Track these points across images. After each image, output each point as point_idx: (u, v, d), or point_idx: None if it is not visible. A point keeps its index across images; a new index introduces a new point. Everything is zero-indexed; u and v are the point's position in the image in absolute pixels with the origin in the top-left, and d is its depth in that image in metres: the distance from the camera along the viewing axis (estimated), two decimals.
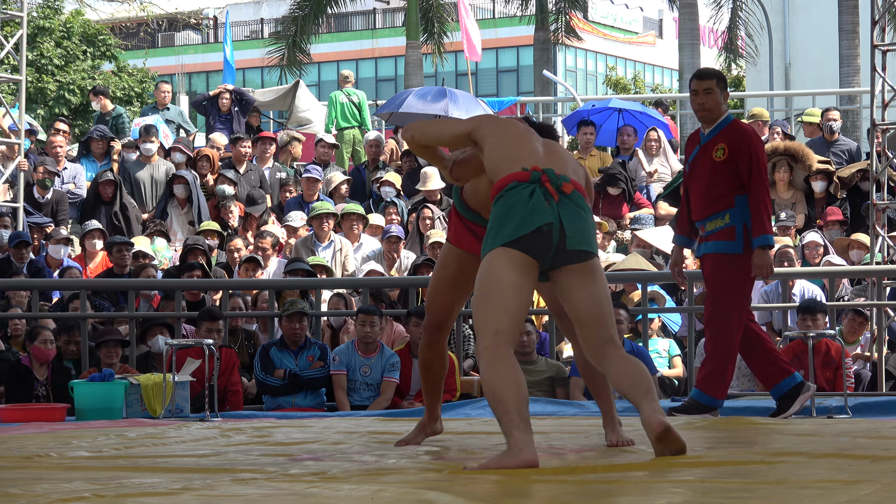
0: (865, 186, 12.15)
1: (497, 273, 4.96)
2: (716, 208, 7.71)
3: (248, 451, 5.86)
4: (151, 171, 13.99)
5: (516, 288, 4.95)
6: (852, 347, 10.28)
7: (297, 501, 4.09)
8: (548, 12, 26.13)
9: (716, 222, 7.72)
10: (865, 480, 4.37)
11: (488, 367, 4.88)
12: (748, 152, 7.68)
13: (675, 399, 9.13)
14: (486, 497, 4.17)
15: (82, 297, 10.23)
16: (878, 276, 10.53)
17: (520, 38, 41.32)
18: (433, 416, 5.96)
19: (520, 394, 4.85)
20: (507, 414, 4.81)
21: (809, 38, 32.78)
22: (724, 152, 7.70)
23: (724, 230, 7.70)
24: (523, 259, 4.97)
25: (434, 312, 5.85)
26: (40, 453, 5.79)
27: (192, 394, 8.88)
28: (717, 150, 7.72)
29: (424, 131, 5.53)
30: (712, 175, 7.73)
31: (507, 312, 4.94)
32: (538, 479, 4.65)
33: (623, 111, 15.69)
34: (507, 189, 5.06)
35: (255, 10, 54.39)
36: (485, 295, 4.98)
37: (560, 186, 5.05)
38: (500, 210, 5.04)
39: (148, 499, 4.13)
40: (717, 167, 7.71)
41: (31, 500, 4.11)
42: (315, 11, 25.69)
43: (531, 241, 4.97)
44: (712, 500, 4.01)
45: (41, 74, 30.74)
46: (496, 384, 4.84)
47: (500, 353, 4.90)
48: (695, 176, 7.87)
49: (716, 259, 7.73)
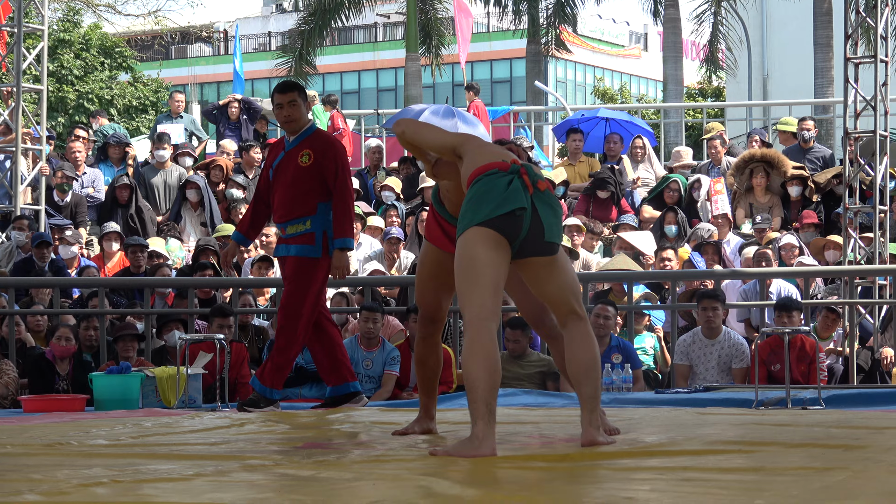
0: (839, 191, 12.17)
1: (473, 250, 5.02)
2: (298, 213, 7.74)
3: (256, 440, 5.87)
4: (165, 177, 14.02)
5: (492, 262, 5.01)
6: (826, 343, 10.29)
7: (303, 487, 4.10)
8: (539, 26, 26.16)
9: (297, 227, 7.74)
10: (838, 468, 4.38)
11: (468, 347, 4.95)
12: (333, 158, 7.75)
13: (660, 391, 9.15)
14: (479, 482, 4.18)
15: (101, 294, 10.27)
16: (850, 275, 10.56)
17: (513, 51, 41.27)
18: (429, 414, 5.97)
19: (491, 382, 4.89)
20: (476, 403, 4.87)
21: (786, 51, 32.75)
22: (310, 158, 7.73)
23: (304, 235, 7.74)
24: (496, 237, 5.04)
25: (424, 306, 5.90)
26: (61, 441, 5.80)
27: (204, 385, 8.88)
28: (302, 155, 7.74)
29: (417, 131, 5.60)
30: (297, 180, 7.74)
31: (486, 286, 5.00)
32: (529, 465, 4.66)
33: (610, 120, 15.70)
34: (486, 174, 5.12)
35: (264, 24, 54.36)
36: (465, 270, 5.04)
37: (535, 182, 5.13)
38: (476, 191, 5.10)
39: (163, 484, 4.14)
40: (303, 172, 7.73)
41: (53, 486, 4.12)
42: (320, 25, 25.74)
43: (504, 222, 5.03)
44: (693, 487, 4.02)
45: (61, 84, 30.71)
46: (471, 369, 4.91)
47: (481, 330, 4.95)
48: (279, 181, 7.84)
49: (297, 262, 7.74)
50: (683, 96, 27.28)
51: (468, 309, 5.00)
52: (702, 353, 9.84)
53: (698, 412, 7.30)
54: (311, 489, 4.04)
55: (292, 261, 7.80)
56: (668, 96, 25.16)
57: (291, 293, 7.80)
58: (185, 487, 4.06)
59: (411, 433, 5.87)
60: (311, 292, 7.79)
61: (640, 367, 9.86)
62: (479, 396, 4.86)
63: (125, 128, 28.70)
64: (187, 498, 3.80)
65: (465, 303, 5.02)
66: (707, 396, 8.54)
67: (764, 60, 34.27)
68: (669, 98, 24.89)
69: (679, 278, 10.89)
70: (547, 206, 5.13)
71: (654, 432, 5.75)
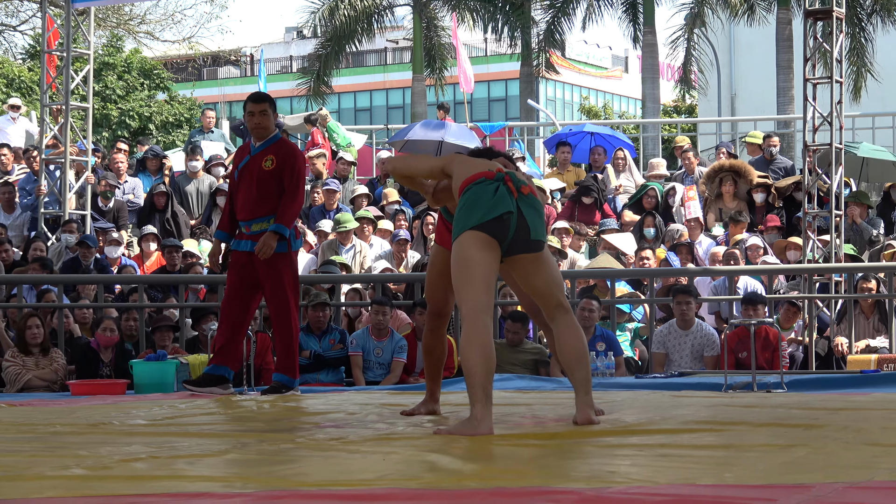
0: (799, 197, 12.15)
1: (467, 251, 5.04)
2: (262, 213, 7.60)
3: (279, 420, 5.86)
4: (197, 185, 14.02)
5: (484, 261, 5.03)
6: (787, 333, 10.27)
7: (321, 462, 4.09)
8: (531, 51, 26.14)
9: (262, 225, 7.59)
10: (798, 445, 4.37)
11: (465, 339, 4.95)
12: (292, 165, 7.66)
13: (639, 376, 9.13)
14: (478, 458, 4.18)
15: (140, 290, 10.28)
16: (809, 273, 10.55)
17: (508, 73, 41.24)
18: (434, 397, 5.96)
19: (487, 369, 4.92)
20: (474, 388, 4.89)
21: (751, 73, 32.74)
22: (273, 163, 7.64)
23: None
24: (487, 239, 5.05)
25: (433, 302, 5.88)
26: (105, 421, 5.79)
27: None
28: (266, 160, 7.66)
29: (406, 164, 5.66)
30: (261, 182, 7.64)
31: (480, 283, 5.01)
32: (523, 442, 4.66)
33: (595, 134, 15.68)
34: (475, 183, 5.14)
35: (286, 49, 54.34)
36: (460, 270, 5.05)
37: (519, 187, 5.14)
38: (467, 199, 5.12)
39: (195, 459, 4.14)
40: (266, 175, 7.64)
41: (97, 461, 4.11)
42: (336, 50, 25.79)
43: (494, 225, 5.04)
44: (669, 462, 4.01)
45: (105, 103, 30.70)
46: (469, 358, 4.93)
47: (477, 323, 4.96)
48: (244, 181, 7.73)
49: (269, 259, 7.53)
50: (660, 113, 27.26)
51: (465, 304, 5.02)
52: (677, 343, 9.83)
53: (674, 395, 7.29)
54: (328, 463, 4.03)
55: (266, 259, 7.56)
56: (646, 113, 25.14)
57: (275, 290, 7.63)
58: (216, 463, 4.05)
59: (418, 414, 5.86)
60: (290, 283, 7.66)
61: (621, 354, 9.85)
62: (477, 382, 4.88)
63: (162, 141, 28.81)
64: (218, 472, 3.79)
65: (462, 299, 5.04)
66: (681, 381, 8.53)
67: (732, 81, 34.26)
68: (648, 115, 24.88)
69: (656, 275, 10.88)
70: (531, 207, 5.14)
71: (634, 413, 5.74)
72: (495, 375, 5.13)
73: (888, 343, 10.01)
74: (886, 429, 5.01)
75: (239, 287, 7.70)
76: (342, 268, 11.39)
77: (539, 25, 26.13)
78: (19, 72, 29.54)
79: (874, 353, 9.77)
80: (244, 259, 7.66)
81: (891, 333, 10.01)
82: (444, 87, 27.03)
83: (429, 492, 3.35)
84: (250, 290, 7.71)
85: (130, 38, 31.89)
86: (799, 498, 3.10)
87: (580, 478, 3.73)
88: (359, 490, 3.38)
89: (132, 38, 31.90)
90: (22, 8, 29.78)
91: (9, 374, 9.33)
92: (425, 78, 26.39)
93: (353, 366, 9.84)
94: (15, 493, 3.33)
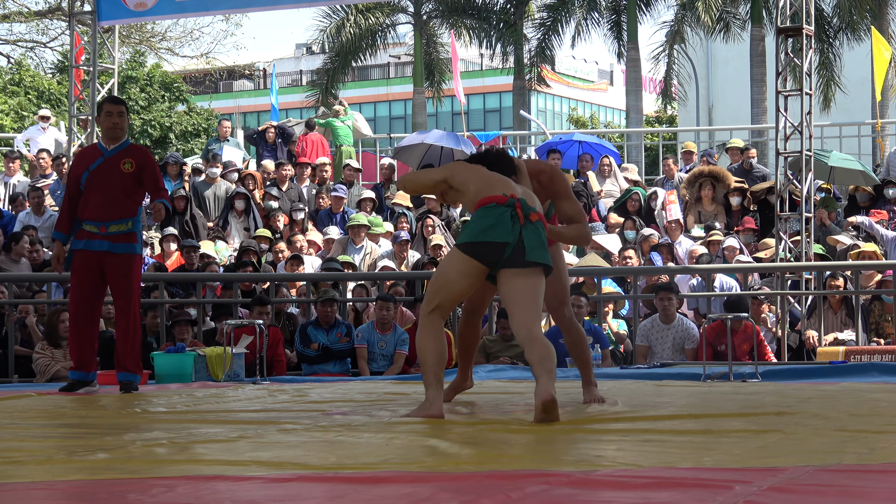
0: (772, 200, 12.15)
1: (448, 267, 5.15)
2: (120, 214, 7.36)
3: (289, 408, 5.85)
4: (215, 190, 14.00)
5: (459, 285, 5.11)
6: (761, 326, 10.26)
7: (328, 447, 4.08)
8: (523, 65, 26.14)
9: (120, 226, 7.33)
10: (772, 430, 4.37)
11: (420, 333, 5.15)
12: (151, 167, 7.48)
13: (624, 367, 9.12)
14: (475, 443, 4.17)
15: (161, 287, 10.26)
16: (781, 270, 10.54)
17: (502, 86, 41.19)
18: (465, 375, 6.02)
19: (439, 358, 5.08)
20: (426, 374, 5.08)
21: (728, 85, 32.79)
22: (132, 165, 7.39)
23: (126, 234, 7.34)
24: (472, 266, 5.05)
25: (469, 301, 5.79)
26: (128, 409, 5.78)
27: (246, 362, 8.88)
28: (125, 163, 7.40)
29: (413, 180, 5.60)
30: (119, 184, 7.38)
31: (447, 297, 5.14)
32: (515, 428, 4.65)
33: (582, 142, 15.67)
34: (486, 206, 5.11)
35: (296, 64, 54.37)
36: (438, 279, 5.19)
37: (528, 215, 5.08)
38: (475, 217, 5.13)
39: (211, 444, 4.13)
40: (125, 177, 7.38)
41: (121, 444, 4.11)
42: (342, 65, 25.82)
43: (485, 249, 5.01)
44: (651, 447, 4.00)
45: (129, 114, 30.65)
46: (423, 349, 5.10)
47: (431, 321, 5.13)
48: (97, 183, 7.40)
49: (126, 259, 7.34)
50: (643, 123, 27.27)
51: (427, 306, 5.16)
52: (659, 336, 9.82)
53: (656, 384, 7.29)
54: (335, 448, 4.02)
55: (121, 258, 7.34)
56: (630, 123, 25.15)
57: (124, 288, 7.35)
58: (231, 447, 4.04)
59: (446, 401, 5.82)
60: (137, 282, 7.45)
61: (608, 346, 9.84)
62: (429, 370, 5.07)
63: (182, 149, 28.79)
64: (232, 456, 3.79)
65: (428, 300, 5.17)
66: (663, 371, 8.54)
67: (709, 93, 34.30)
68: (631, 124, 24.88)
69: (640, 273, 10.87)
70: (534, 235, 5.06)
71: (619, 401, 5.73)
72: (490, 366, 5.15)
73: (855, 336, 10.00)
74: (854, 416, 5.01)
75: (89, 288, 7.38)
76: (346, 266, 11.38)
77: (531, 42, 26.14)
78: (49, 85, 29.53)
79: (842, 346, 9.77)
80: (94, 259, 7.34)
81: (857, 327, 10.01)
82: (442, 100, 27.03)
83: (428, 474, 3.34)
84: (97, 290, 7.44)
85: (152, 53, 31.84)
86: (773, 480, 3.09)
87: (570, 461, 3.73)
88: (363, 473, 3.38)
89: (154, 54, 31.85)
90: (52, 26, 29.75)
91: (39, 365, 9.32)
92: (425, 90, 26.40)
93: (358, 357, 9.83)
94: (44, 476, 3.33)
